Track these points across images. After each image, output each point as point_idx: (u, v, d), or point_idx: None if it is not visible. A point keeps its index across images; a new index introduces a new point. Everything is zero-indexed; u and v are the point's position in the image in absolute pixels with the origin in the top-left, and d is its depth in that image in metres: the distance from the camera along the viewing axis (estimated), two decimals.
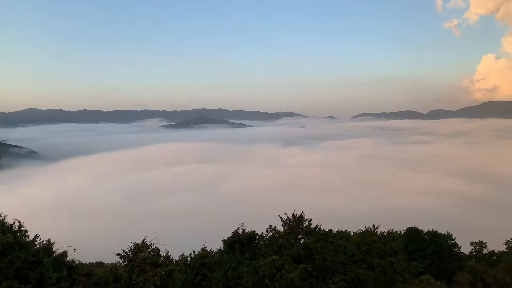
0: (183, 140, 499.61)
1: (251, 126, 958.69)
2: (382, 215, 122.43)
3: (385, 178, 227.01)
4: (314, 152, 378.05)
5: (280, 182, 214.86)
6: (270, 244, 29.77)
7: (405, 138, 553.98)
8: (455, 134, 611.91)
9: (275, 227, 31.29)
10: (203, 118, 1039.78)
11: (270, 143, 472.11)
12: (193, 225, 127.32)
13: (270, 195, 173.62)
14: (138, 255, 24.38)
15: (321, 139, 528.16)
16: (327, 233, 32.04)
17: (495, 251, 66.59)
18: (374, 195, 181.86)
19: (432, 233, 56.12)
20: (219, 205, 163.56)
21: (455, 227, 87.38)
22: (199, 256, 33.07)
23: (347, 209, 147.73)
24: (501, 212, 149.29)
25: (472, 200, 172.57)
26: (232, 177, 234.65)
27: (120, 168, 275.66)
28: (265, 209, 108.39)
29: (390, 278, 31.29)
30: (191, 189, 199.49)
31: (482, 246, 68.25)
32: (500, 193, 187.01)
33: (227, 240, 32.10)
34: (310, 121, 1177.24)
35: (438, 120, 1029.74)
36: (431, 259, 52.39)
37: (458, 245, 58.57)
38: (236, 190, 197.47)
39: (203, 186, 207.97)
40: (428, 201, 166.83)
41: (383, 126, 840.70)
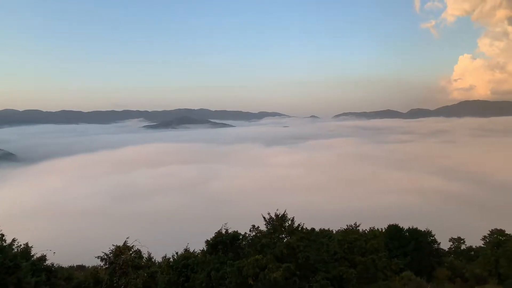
0: (165, 141, 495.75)
1: (233, 126, 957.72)
2: (364, 213, 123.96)
3: (367, 176, 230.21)
4: (297, 152, 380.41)
5: (263, 182, 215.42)
6: (253, 244, 29.80)
7: (386, 137, 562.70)
8: (434, 133, 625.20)
9: (258, 226, 31.33)
10: (185, 118, 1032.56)
11: (253, 143, 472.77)
12: (176, 226, 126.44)
13: (253, 195, 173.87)
14: (120, 257, 24.03)
15: (303, 139, 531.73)
16: (309, 232, 32.26)
17: (473, 246, 68.35)
18: (356, 193, 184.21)
19: (412, 230, 57.21)
20: (202, 206, 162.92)
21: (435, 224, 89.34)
22: (182, 257, 32.81)
23: (330, 207, 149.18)
24: (479, 209, 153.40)
25: (452, 198, 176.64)
26: (215, 177, 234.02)
27: (100, 170, 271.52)
28: (249, 209, 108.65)
29: (372, 275, 31.75)
30: (173, 190, 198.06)
31: (461, 242, 69.92)
32: (478, 190, 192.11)
33: (210, 240, 31.97)
34: (292, 121, 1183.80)
35: (418, 119, 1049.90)
36: (412, 256, 53.38)
37: (437, 241, 59.92)
38: (219, 190, 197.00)
39: (186, 187, 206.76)
40: (409, 199, 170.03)
41: (364, 126, 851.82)
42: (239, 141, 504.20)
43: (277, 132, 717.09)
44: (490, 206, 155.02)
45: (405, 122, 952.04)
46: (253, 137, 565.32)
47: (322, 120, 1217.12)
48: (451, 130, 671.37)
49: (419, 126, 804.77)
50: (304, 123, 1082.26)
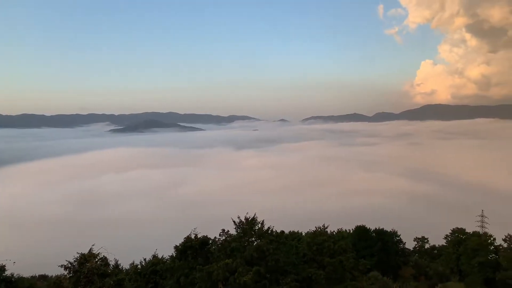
0: (133, 145, 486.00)
1: (203, 129, 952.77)
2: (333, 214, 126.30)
3: (336, 178, 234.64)
4: (268, 155, 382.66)
5: (234, 186, 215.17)
6: (223, 248, 29.68)
7: (353, 140, 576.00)
8: (399, 135, 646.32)
9: (228, 230, 31.25)
10: (153, 121, 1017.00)
11: (224, 147, 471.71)
12: (145, 232, 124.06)
13: (224, 199, 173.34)
14: (85, 265, 23.34)
15: (273, 142, 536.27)
16: (279, 235, 32.46)
17: (436, 245, 71.06)
18: (326, 195, 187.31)
19: (379, 230, 58.74)
20: (172, 211, 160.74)
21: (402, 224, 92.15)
22: (150, 264, 32.25)
23: (300, 209, 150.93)
24: (443, 208, 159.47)
25: (417, 198, 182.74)
26: (185, 182, 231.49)
27: (64, 175, 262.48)
28: (220, 213, 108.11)
29: (340, 276, 32.29)
30: (142, 195, 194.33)
31: (424, 241, 72.57)
32: (442, 190, 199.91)
33: (179, 246, 31.57)
34: (262, 124, 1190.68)
35: (383, 123, 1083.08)
36: (379, 256, 54.78)
37: (403, 241, 61.86)
38: (189, 195, 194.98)
39: (155, 192, 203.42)
40: (377, 199, 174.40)
41: (332, 129, 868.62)
42: (209, 144, 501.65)
43: (247, 136, 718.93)
44: (453, 205, 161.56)
45: (371, 126, 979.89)
46: (223, 141, 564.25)
47: (292, 124, 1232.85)
48: (415, 133, 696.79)
49: (384, 129, 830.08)
50: (274, 127, 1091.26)
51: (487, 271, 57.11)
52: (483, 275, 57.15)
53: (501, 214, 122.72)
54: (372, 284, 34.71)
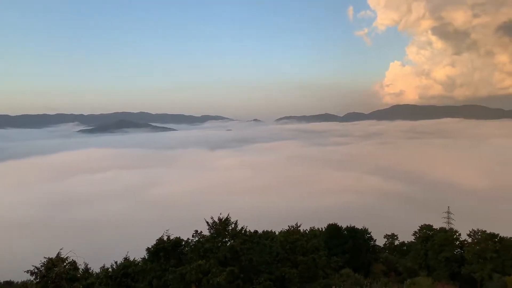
0: (103, 146, 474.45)
1: (175, 129, 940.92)
2: (307, 213, 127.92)
3: (309, 177, 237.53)
4: (242, 155, 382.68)
5: (208, 186, 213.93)
6: (196, 249, 29.51)
7: (325, 139, 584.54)
8: (369, 135, 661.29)
9: (201, 231, 31.10)
10: (124, 122, 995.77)
11: (197, 147, 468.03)
12: (116, 234, 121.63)
13: (198, 200, 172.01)
14: (52, 270, 22.66)
15: (247, 142, 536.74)
16: (253, 234, 32.59)
17: (405, 242, 73.14)
18: (299, 194, 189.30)
19: (350, 228, 59.91)
20: (144, 212, 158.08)
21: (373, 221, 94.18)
22: (122, 267, 31.62)
23: (274, 209, 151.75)
24: (413, 205, 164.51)
25: (388, 196, 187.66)
26: (158, 183, 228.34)
27: (31, 177, 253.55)
28: (194, 214, 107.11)
29: (313, 274, 32.76)
30: (114, 197, 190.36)
31: (394, 238, 74.61)
32: (410, 188, 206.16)
33: (151, 248, 31.15)
34: (235, 124, 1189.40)
35: (353, 123, 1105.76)
36: (350, 253, 55.87)
37: (373, 238, 63.32)
38: (162, 196, 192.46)
39: (127, 193, 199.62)
40: (349, 198, 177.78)
41: (304, 129, 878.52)
42: (183, 145, 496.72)
43: (221, 136, 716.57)
44: (422, 202, 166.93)
45: (342, 125, 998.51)
46: (196, 141, 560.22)
47: (265, 124, 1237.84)
48: (384, 133, 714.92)
49: (355, 129, 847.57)
50: (248, 127, 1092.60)
51: (453, 266, 59.34)
52: (449, 270, 59.34)
53: (466, 210, 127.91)
54: (344, 281, 35.31)
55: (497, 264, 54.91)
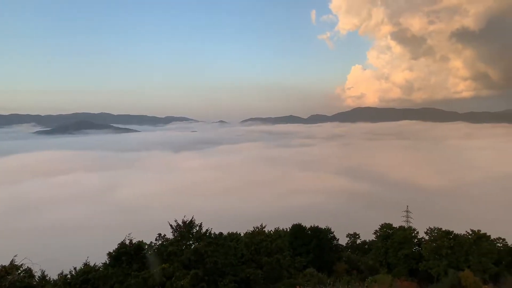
0: (62, 148, 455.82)
1: (138, 131, 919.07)
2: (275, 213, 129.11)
3: (276, 178, 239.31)
4: (207, 157, 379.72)
5: (173, 188, 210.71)
6: (160, 253, 29.05)
7: (290, 141, 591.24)
8: (332, 136, 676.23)
9: (165, 235, 30.63)
10: (84, 123, 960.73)
11: (161, 149, 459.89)
12: (77, 239, 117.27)
13: (163, 203, 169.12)
14: (5, 278, 21.57)
15: (213, 144, 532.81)
16: (217, 236, 32.47)
17: (367, 240, 75.33)
18: (266, 195, 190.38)
19: (314, 228, 60.91)
20: (106, 216, 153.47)
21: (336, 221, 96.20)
22: (81, 273, 30.54)
23: (240, 210, 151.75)
24: (373, 205, 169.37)
25: (350, 195, 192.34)
26: (121, 185, 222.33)
27: None
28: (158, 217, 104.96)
29: (277, 274, 33.06)
30: (74, 201, 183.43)
31: (356, 237, 76.63)
32: (372, 187, 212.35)
33: (112, 252, 30.33)
34: (201, 126, 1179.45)
35: (317, 124, 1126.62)
36: (314, 253, 56.81)
37: (336, 237, 64.71)
38: (125, 199, 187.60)
39: (87, 197, 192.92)
40: (315, 197, 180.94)
41: (270, 130, 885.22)
42: (146, 146, 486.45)
43: (185, 137, 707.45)
44: (383, 201, 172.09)
45: (306, 127, 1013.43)
46: (160, 142, 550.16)
47: (230, 125, 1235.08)
48: (346, 134, 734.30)
49: (319, 130, 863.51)
50: (213, 128, 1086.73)
51: (411, 262, 61.70)
52: (408, 266, 61.65)
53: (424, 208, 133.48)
54: (308, 281, 35.85)
55: (452, 260, 57.65)
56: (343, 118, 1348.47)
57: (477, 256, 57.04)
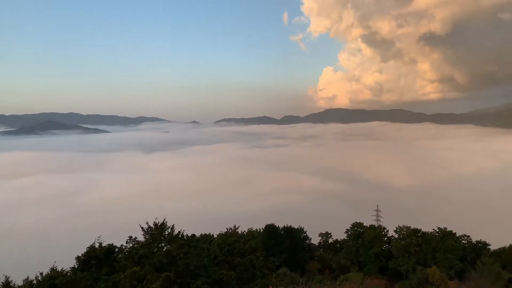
0: (29, 149, 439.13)
1: (108, 131, 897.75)
2: (250, 214, 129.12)
3: (250, 179, 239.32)
4: (181, 157, 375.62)
5: (145, 190, 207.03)
6: (131, 256, 28.44)
7: (264, 142, 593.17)
8: (305, 137, 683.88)
9: (136, 237, 30.03)
10: (52, 123, 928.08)
11: (132, 150, 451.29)
12: (44, 244, 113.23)
13: (134, 205, 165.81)
14: None
15: (186, 144, 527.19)
16: (190, 238, 32.16)
17: (338, 239, 76.52)
18: (241, 195, 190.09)
19: (287, 228, 61.40)
20: (75, 219, 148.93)
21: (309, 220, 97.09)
22: (48, 278, 29.51)
23: (214, 211, 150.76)
24: (345, 204, 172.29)
25: (323, 194, 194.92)
26: (91, 188, 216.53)
27: None
28: (129, 220, 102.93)
29: (251, 275, 33.04)
30: (40, 204, 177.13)
31: (328, 236, 77.69)
32: (344, 187, 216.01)
33: (81, 256, 29.49)
34: (173, 126, 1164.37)
35: (290, 125, 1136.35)
36: (287, 253, 57.25)
37: (309, 237, 65.49)
38: (95, 201, 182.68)
39: (56, 200, 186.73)
40: (288, 197, 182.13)
41: (243, 131, 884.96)
42: (116, 147, 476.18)
43: (157, 138, 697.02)
44: (354, 201, 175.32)
45: (279, 128, 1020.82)
46: (131, 143, 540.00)
47: (204, 126, 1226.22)
48: (319, 135, 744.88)
49: (292, 131, 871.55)
50: (186, 129, 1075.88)
51: (382, 261, 63.20)
52: (378, 264, 63.10)
53: (393, 207, 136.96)
54: (281, 281, 36.08)
55: (420, 257, 59.45)
56: (316, 119, 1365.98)
57: (444, 253, 59.09)
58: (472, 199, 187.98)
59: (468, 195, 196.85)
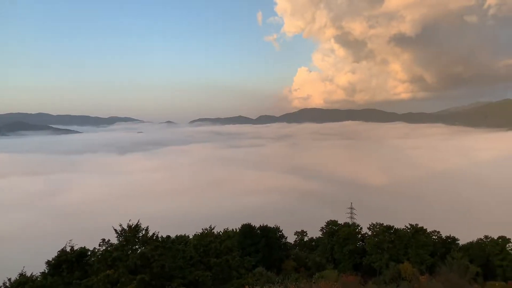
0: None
1: (80, 132, 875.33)
2: (227, 214, 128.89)
3: (226, 179, 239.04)
4: (155, 158, 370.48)
5: (119, 191, 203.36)
6: (104, 259, 27.81)
7: (240, 141, 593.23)
8: (281, 137, 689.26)
9: (109, 240, 29.40)
10: (20, 123, 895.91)
11: (105, 151, 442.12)
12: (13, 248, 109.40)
13: (108, 207, 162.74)
14: None
15: (161, 145, 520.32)
16: (165, 240, 31.80)
17: (314, 237, 77.46)
18: (217, 196, 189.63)
19: (263, 227, 61.61)
20: (46, 222, 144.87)
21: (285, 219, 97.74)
22: (17, 284, 28.54)
23: (190, 212, 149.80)
24: (321, 202, 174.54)
25: (300, 193, 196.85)
26: (62, 190, 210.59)
27: None
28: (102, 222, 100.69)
29: (227, 275, 32.97)
30: (9, 207, 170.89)
31: (304, 234, 78.48)
32: (320, 185, 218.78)
33: (51, 260, 28.64)
34: (147, 127, 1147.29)
35: (266, 125, 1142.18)
36: (263, 252, 57.46)
37: (285, 236, 65.92)
38: (67, 203, 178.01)
39: (25, 202, 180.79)
40: (265, 197, 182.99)
41: (219, 131, 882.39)
42: (89, 148, 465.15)
43: (131, 138, 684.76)
44: (330, 199, 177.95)
45: (255, 128, 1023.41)
46: (104, 144, 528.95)
47: (178, 126, 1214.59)
48: (294, 135, 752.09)
49: (267, 131, 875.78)
50: (160, 129, 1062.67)
51: (356, 257, 64.41)
52: (353, 261, 64.28)
53: (367, 205, 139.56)
54: (257, 280, 36.17)
55: (393, 253, 60.96)
56: (291, 119, 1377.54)
57: (415, 249, 60.81)
58: (442, 195, 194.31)
59: (439, 192, 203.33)
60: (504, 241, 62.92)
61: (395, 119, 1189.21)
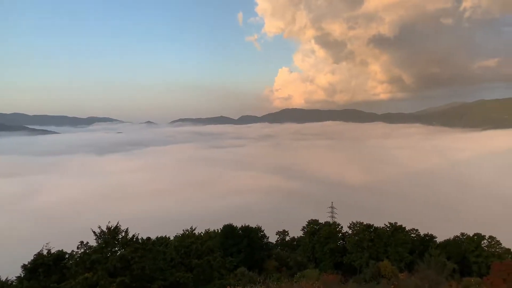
0: None
1: (57, 132, 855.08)
2: (207, 214, 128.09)
3: (209, 179, 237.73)
4: (136, 159, 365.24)
5: (98, 193, 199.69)
6: (82, 262, 27.29)
7: (221, 141, 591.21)
8: (263, 137, 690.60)
9: (88, 242, 28.86)
10: None
11: (84, 151, 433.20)
12: None
13: (87, 209, 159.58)
14: None
15: (141, 145, 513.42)
16: (145, 242, 31.40)
17: (295, 237, 77.88)
18: (199, 196, 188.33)
19: (245, 228, 61.56)
20: (21, 226, 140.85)
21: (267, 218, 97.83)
22: None
23: (171, 213, 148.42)
24: (302, 201, 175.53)
25: (281, 193, 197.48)
26: (39, 192, 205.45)
27: None
28: (80, 225, 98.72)
29: (208, 276, 32.86)
30: None
31: (285, 234, 78.84)
32: (302, 185, 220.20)
33: (27, 264, 27.93)
34: (126, 127, 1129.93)
35: (247, 125, 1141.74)
36: (245, 252, 57.41)
37: (266, 236, 66.10)
38: (45, 206, 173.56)
39: (2, 205, 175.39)
40: (247, 196, 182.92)
41: (200, 131, 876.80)
42: (67, 149, 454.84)
43: (110, 139, 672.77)
44: (311, 198, 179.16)
45: (237, 128, 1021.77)
46: (82, 145, 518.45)
47: (159, 126, 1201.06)
48: (275, 135, 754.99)
49: (249, 131, 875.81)
50: (140, 129, 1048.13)
51: (336, 256, 65.06)
52: (334, 260, 64.90)
53: (347, 204, 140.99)
54: (239, 280, 36.14)
55: (373, 251, 61.85)
56: (272, 119, 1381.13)
57: (394, 247, 61.86)
58: (421, 194, 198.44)
59: (417, 191, 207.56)
60: (479, 238, 64.65)
61: (374, 119, 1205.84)
